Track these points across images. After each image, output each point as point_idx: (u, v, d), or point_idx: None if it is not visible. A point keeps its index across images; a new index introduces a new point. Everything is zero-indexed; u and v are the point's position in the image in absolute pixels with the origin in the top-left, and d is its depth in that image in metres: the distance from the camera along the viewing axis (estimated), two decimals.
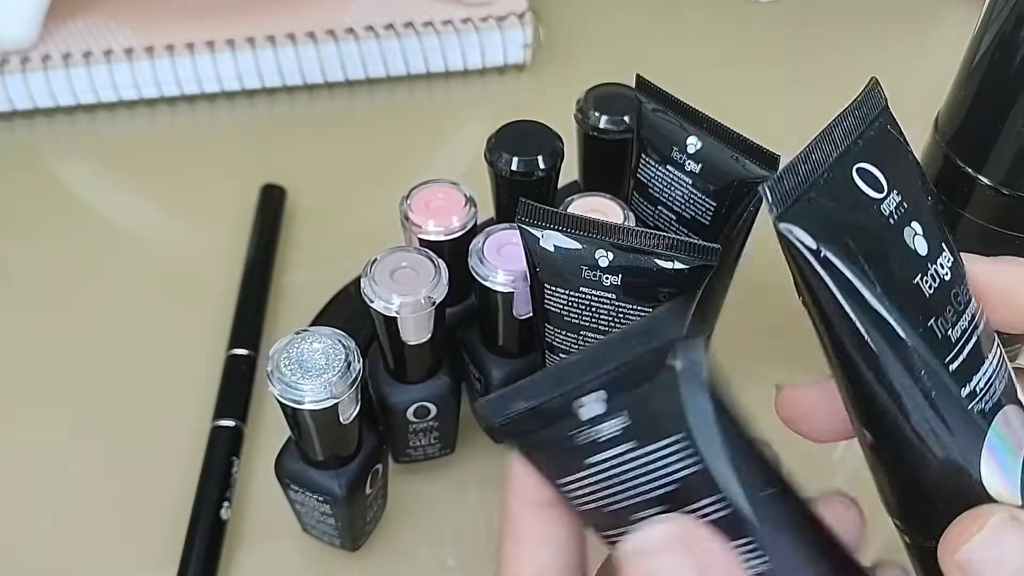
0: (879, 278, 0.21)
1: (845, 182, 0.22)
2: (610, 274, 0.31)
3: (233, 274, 0.47)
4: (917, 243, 0.22)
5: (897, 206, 0.22)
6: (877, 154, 0.22)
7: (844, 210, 0.21)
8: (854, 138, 0.22)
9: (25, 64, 0.54)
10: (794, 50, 0.63)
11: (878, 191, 0.22)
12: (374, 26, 0.57)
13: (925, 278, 0.22)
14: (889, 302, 0.21)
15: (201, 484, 0.38)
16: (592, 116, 0.39)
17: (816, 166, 0.21)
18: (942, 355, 0.21)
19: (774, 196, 0.21)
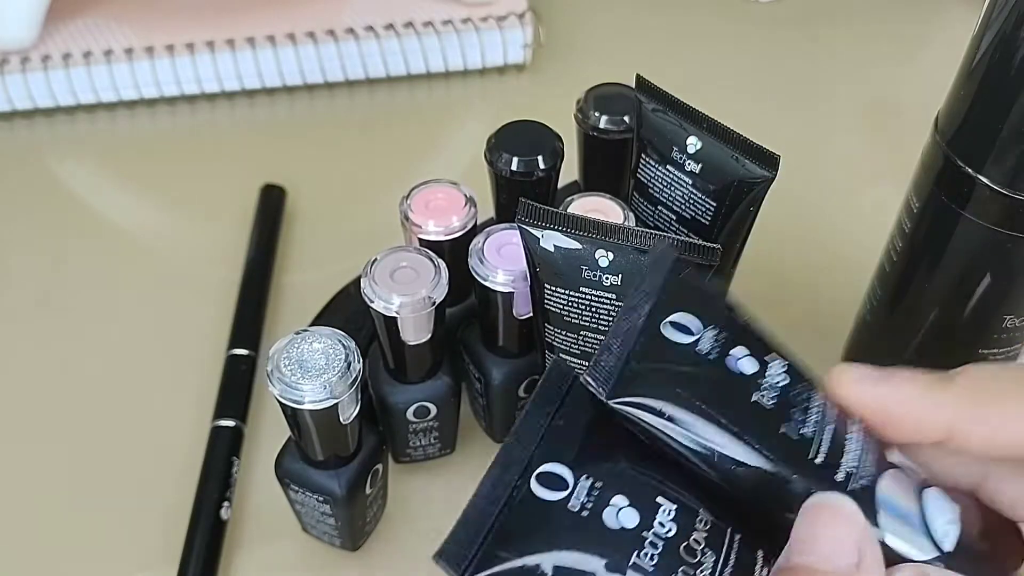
0: (720, 412, 0.22)
1: (658, 340, 0.23)
2: (610, 274, 0.31)
3: (233, 274, 0.47)
4: (743, 365, 0.23)
5: (713, 340, 0.23)
6: (680, 302, 0.24)
7: (666, 366, 0.23)
8: (655, 297, 0.23)
9: (25, 64, 0.54)
10: (794, 50, 0.63)
11: (689, 335, 0.23)
12: (374, 26, 0.57)
13: (760, 393, 0.23)
14: (738, 429, 0.22)
15: (201, 484, 0.38)
16: (592, 116, 0.39)
17: (627, 337, 0.23)
18: (805, 454, 0.22)
19: (596, 380, 0.22)
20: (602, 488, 0.22)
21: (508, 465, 0.22)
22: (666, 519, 0.22)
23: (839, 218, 0.51)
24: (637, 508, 0.22)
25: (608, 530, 0.21)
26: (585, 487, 0.22)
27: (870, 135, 0.57)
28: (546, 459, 0.22)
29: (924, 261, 0.35)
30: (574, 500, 0.21)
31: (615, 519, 0.21)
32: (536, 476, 0.22)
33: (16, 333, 0.46)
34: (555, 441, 0.22)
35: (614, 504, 0.21)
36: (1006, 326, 0.35)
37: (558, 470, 0.22)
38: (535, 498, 0.21)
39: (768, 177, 0.33)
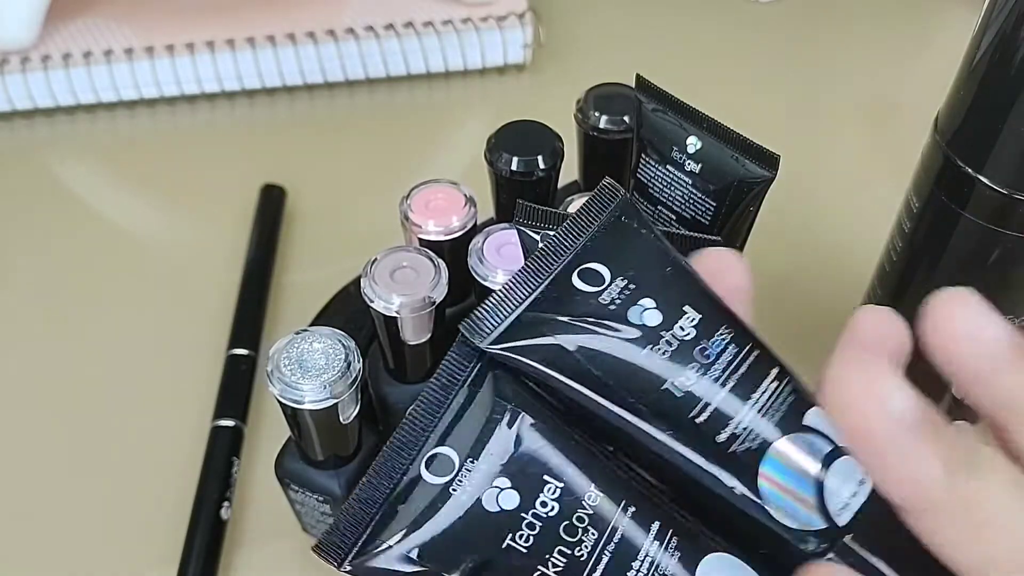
0: (599, 365, 0.22)
1: (565, 287, 0.23)
2: None
3: (233, 274, 0.47)
4: (647, 317, 0.23)
5: (620, 291, 0.23)
6: (604, 250, 0.24)
7: (558, 317, 0.23)
8: (580, 244, 0.24)
9: (25, 64, 0.54)
10: (794, 50, 0.63)
11: (598, 285, 0.23)
12: (374, 26, 0.57)
13: (657, 346, 0.23)
14: (613, 383, 0.22)
15: (201, 484, 0.38)
16: (592, 116, 0.39)
17: (530, 284, 0.23)
18: (686, 412, 0.22)
19: (474, 330, 0.23)
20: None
21: (400, 449, 0.22)
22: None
23: (839, 218, 0.51)
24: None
25: (486, 511, 0.21)
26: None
27: (870, 135, 0.57)
28: (439, 442, 0.22)
29: (924, 261, 0.35)
30: (456, 484, 0.22)
31: (494, 502, 0.22)
32: (425, 460, 0.22)
33: (16, 333, 0.46)
34: (451, 421, 0.23)
35: (496, 486, 0.22)
36: None
37: (446, 452, 0.22)
38: (422, 481, 0.22)
39: (768, 177, 0.33)
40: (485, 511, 0.21)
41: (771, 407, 0.23)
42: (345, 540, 0.21)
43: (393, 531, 0.21)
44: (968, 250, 0.33)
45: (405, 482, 0.22)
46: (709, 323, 0.23)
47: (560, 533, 0.21)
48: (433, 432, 0.22)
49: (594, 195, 0.25)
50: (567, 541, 0.21)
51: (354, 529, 0.21)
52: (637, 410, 0.22)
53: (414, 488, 0.22)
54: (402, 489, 0.22)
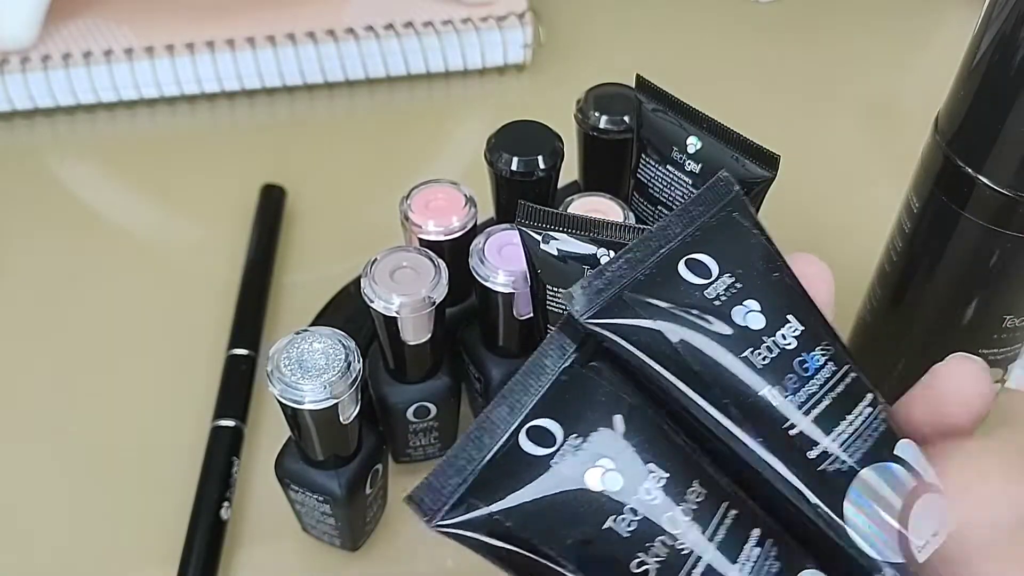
0: (698, 360, 0.22)
1: (669, 274, 0.23)
2: None
3: (233, 274, 0.47)
4: (750, 319, 0.23)
5: (727, 288, 0.23)
6: (713, 242, 0.24)
7: (662, 303, 0.22)
8: (689, 232, 0.24)
9: (25, 64, 0.54)
10: (794, 50, 0.63)
11: (706, 277, 0.23)
12: (374, 26, 0.57)
13: (758, 351, 0.22)
14: (711, 379, 0.22)
15: (201, 484, 0.38)
16: (592, 116, 0.39)
17: (635, 264, 0.23)
18: (780, 422, 0.22)
19: (578, 301, 0.22)
20: (590, 449, 0.21)
21: (501, 417, 0.22)
22: (654, 487, 0.21)
23: (839, 218, 0.51)
24: (623, 474, 0.21)
25: (589, 491, 0.21)
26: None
27: (870, 135, 0.57)
28: (540, 414, 0.22)
29: (924, 261, 0.35)
30: (558, 457, 0.21)
31: (599, 481, 0.21)
32: (526, 430, 0.22)
33: (16, 333, 0.46)
34: (554, 396, 0.22)
35: (599, 466, 0.21)
36: (1006, 326, 0.35)
37: (549, 425, 0.22)
38: (520, 451, 0.21)
39: (768, 177, 0.33)
40: (588, 489, 0.21)
41: (864, 432, 0.22)
42: (437, 498, 0.21)
43: (486, 495, 0.21)
44: (968, 250, 0.33)
45: (503, 449, 0.21)
46: (810, 337, 0.23)
47: (663, 524, 0.21)
48: (534, 403, 0.22)
49: (708, 186, 0.24)
50: (670, 533, 0.21)
51: (447, 488, 0.21)
52: (729, 412, 0.22)
53: (512, 456, 0.21)
54: (499, 456, 0.21)
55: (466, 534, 0.21)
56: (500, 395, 0.22)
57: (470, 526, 0.21)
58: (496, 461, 0.21)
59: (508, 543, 0.21)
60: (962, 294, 0.35)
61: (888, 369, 0.40)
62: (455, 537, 0.21)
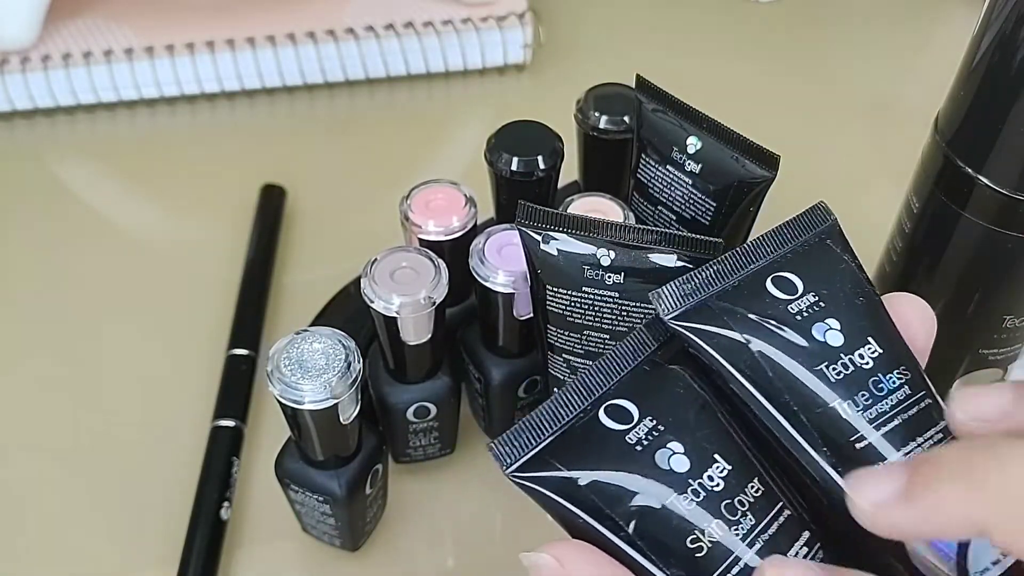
0: (773, 368, 0.23)
1: (756, 288, 0.24)
2: (612, 273, 0.31)
3: (233, 274, 0.47)
4: (829, 336, 0.24)
5: (810, 306, 0.24)
6: (802, 264, 0.25)
7: (748, 313, 0.24)
8: (780, 253, 0.25)
9: (25, 64, 0.54)
10: (794, 50, 0.63)
11: (790, 293, 0.24)
12: (374, 26, 0.57)
13: (833, 366, 0.23)
14: (783, 387, 0.23)
15: (201, 484, 0.38)
16: (592, 116, 0.39)
17: (723, 275, 0.24)
18: (846, 435, 0.23)
19: (664, 301, 0.24)
20: (663, 431, 0.23)
21: (581, 391, 0.24)
22: (716, 475, 0.23)
23: (839, 218, 0.50)
24: (690, 458, 0.23)
25: (656, 468, 0.23)
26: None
27: (870, 135, 0.57)
28: (620, 395, 0.24)
29: (924, 261, 0.35)
30: (633, 434, 0.23)
31: (666, 461, 0.23)
32: (605, 407, 0.23)
33: (15, 333, 0.46)
34: (634, 381, 0.24)
35: (669, 448, 0.23)
36: (1006, 326, 0.35)
37: (627, 405, 0.23)
38: (599, 424, 0.23)
39: (768, 177, 0.33)
40: (656, 465, 0.23)
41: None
42: (513, 452, 0.23)
43: (562, 457, 0.23)
44: (968, 250, 0.33)
45: (582, 420, 0.23)
46: (888, 359, 0.24)
47: (721, 509, 0.22)
48: (615, 384, 0.24)
49: (805, 213, 0.26)
50: (727, 518, 0.22)
51: (527, 443, 0.23)
52: (799, 421, 0.23)
53: (590, 427, 0.23)
54: (578, 425, 0.23)
55: (537, 488, 0.23)
56: (580, 375, 0.24)
57: (542, 482, 0.23)
58: (574, 430, 0.23)
59: (574, 504, 0.22)
60: (962, 294, 0.35)
61: None
62: (526, 489, 0.23)
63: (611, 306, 0.31)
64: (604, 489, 0.22)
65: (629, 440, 0.23)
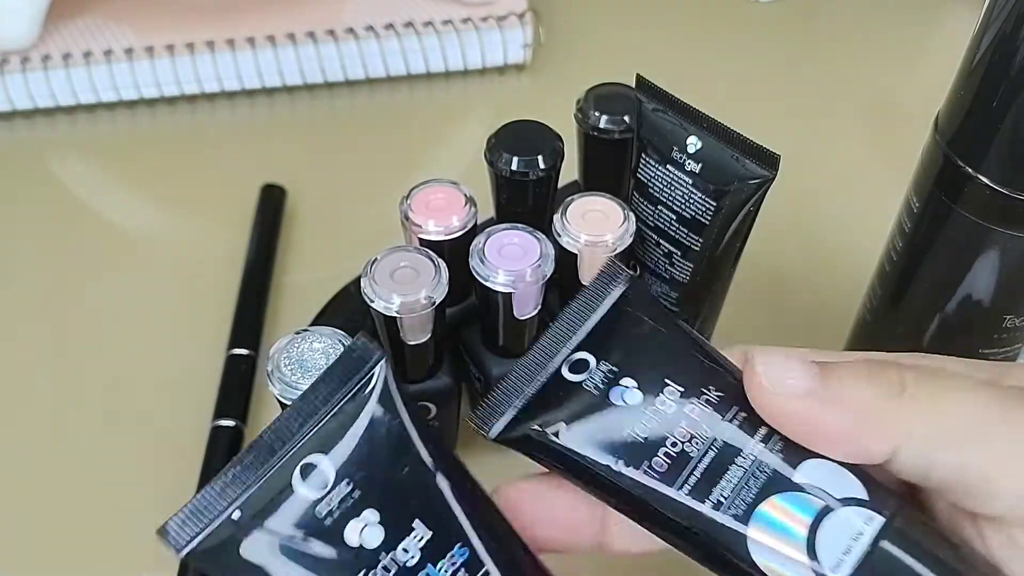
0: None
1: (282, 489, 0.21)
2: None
3: (233, 274, 0.47)
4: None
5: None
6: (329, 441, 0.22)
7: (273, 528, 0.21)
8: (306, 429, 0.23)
9: (25, 64, 0.54)
10: (794, 50, 0.63)
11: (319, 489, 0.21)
12: (374, 26, 0.57)
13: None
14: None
15: (201, 484, 0.38)
16: (592, 116, 0.39)
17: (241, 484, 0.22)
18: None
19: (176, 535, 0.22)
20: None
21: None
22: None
23: (839, 218, 0.51)
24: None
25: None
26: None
27: (870, 135, 0.57)
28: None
29: (924, 261, 0.35)
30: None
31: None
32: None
33: (15, 333, 0.46)
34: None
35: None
36: (1006, 326, 0.35)
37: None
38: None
39: (768, 177, 0.33)
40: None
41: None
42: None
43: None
44: (968, 250, 0.33)
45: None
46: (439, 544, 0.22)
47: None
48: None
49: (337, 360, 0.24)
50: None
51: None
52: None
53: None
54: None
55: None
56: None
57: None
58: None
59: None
60: (962, 294, 0.35)
61: None
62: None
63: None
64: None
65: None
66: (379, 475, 0.21)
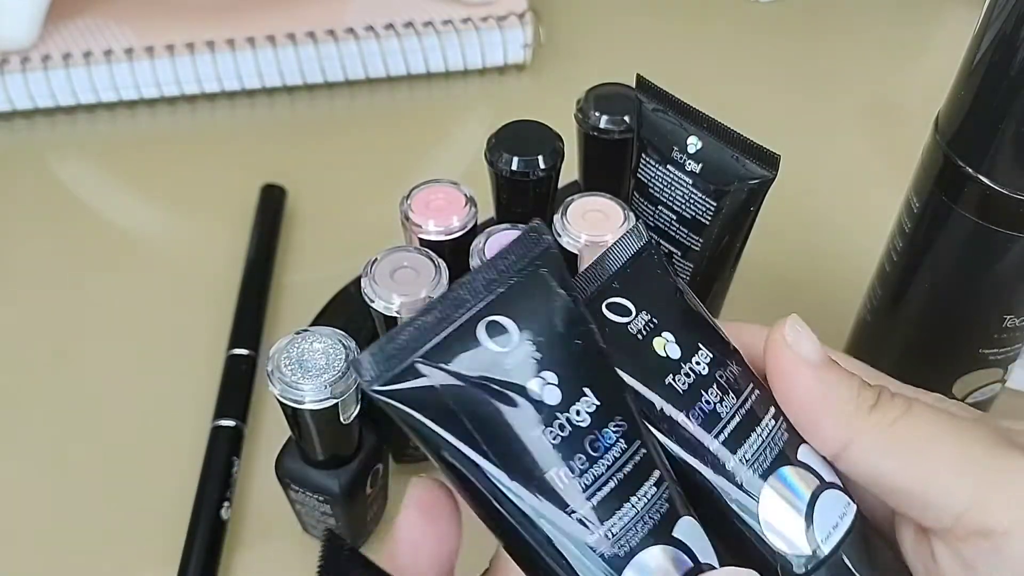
0: (492, 436, 0.22)
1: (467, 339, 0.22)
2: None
3: (233, 274, 0.47)
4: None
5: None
6: (512, 304, 0.23)
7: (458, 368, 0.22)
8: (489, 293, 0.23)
9: (25, 64, 0.54)
10: (794, 50, 0.63)
11: (504, 345, 0.22)
12: (374, 26, 0.57)
13: (550, 429, 0.22)
14: (500, 453, 0.22)
15: (201, 484, 0.38)
16: (592, 116, 0.39)
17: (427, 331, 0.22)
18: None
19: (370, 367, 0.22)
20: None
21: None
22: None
23: (839, 218, 0.51)
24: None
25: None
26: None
27: (870, 135, 0.57)
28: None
29: (924, 261, 0.35)
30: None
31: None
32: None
33: (15, 333, 0.46)
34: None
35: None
36: (1006, 326, 0.35)
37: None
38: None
39: (768, 177, 0.33)
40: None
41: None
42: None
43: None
44: (968, 250, 0.33)
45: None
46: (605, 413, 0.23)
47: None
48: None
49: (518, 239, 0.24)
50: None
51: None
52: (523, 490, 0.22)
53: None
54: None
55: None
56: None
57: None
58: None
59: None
60: (962, 294, 0.35)
61: (888, 369, 0.39)
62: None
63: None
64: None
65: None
66: (557, 342, 0.23)
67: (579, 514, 0.22)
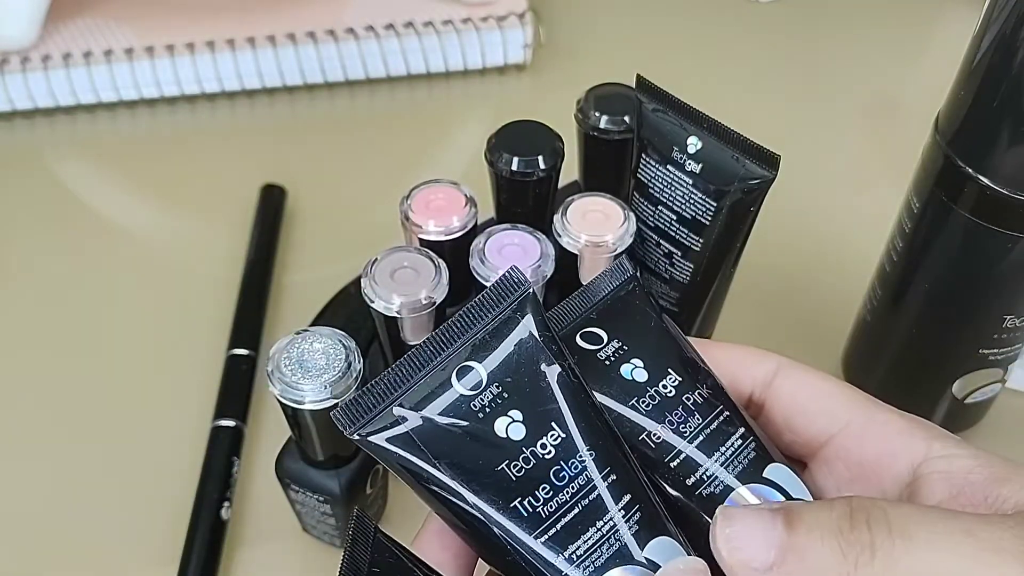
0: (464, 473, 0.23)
1: (440, 383, 0.24)
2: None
3: (233, 274, 0.47)
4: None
5: (493, 399, 0.24)
6: (484, 350, 0.24)
7: (432, 414, 0.23)
8: (465, 339, 0.24)
9: (25, 64, 0.54)
10: (794, 50, 0.63)
11: (475, 388, 0.24)
12: (374, 26, 0.57)
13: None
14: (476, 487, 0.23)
15: (201, 484, 0.38)
16: (592, 116, 0.39)
17: (404, 379, 0.23)
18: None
19: (348, 416, 0.23)
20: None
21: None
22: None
23: (839, 218, 0.51)
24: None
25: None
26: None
27: (870, 135, 0.57)
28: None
29: (924, 261, 0.35)
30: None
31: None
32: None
33: (15, 333, 0.46)
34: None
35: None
36: (1006, 326, 0.35)
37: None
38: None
39: (768, 177, 0.33)
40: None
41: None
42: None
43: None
44: (968, 250, 0.33)
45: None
46: (570, 445, 0.24)
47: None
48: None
49: (497, 283, 0.25)
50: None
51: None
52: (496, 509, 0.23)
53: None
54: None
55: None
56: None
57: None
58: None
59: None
60: (962, 294, 0.35)
61: (887, 369, 0.40)
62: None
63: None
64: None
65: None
66: (523, 384, 0.24)
67: (544, 539, 0.23)
